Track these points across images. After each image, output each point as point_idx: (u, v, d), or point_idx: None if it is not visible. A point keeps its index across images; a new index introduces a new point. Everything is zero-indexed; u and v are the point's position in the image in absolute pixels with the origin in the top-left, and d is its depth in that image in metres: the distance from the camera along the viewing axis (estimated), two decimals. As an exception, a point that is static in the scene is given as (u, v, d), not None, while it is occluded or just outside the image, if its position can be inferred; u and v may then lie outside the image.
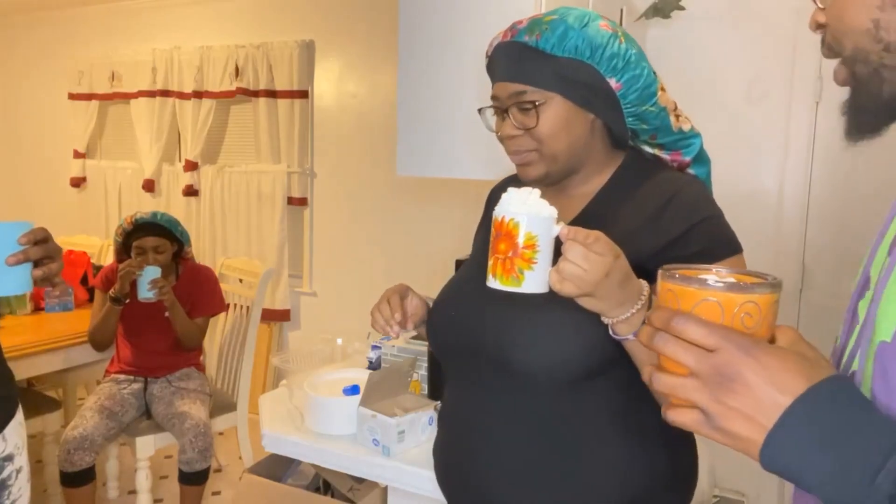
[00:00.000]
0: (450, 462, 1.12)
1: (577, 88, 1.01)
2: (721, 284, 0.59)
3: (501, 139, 1.08)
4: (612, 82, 1.01)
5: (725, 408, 0.55)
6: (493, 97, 1.07)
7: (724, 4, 2.70)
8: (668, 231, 0.96)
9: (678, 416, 0.58)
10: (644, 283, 0.87)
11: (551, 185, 1.09)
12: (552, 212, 0.83)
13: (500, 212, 0.84)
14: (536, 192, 0.85)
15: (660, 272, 0.63)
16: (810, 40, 2.70)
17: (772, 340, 0.60)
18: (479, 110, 1.11)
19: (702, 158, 1.12)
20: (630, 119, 1.04)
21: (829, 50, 0.69)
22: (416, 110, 2.00)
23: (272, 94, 3.74)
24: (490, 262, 0.85)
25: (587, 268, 0.80)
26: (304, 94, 3.68)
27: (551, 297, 0.86)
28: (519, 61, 1.02)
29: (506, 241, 0.83)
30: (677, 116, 1.08)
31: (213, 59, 3.89)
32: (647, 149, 1.10)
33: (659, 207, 0.99)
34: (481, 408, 1.06)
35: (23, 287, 1.20)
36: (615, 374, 0.96)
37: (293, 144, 3.72)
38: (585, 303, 0.84)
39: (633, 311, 0.84)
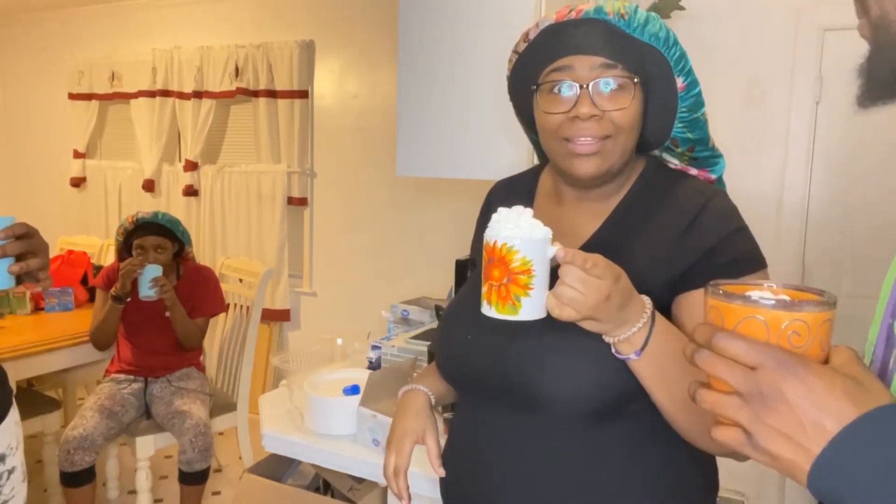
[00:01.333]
0: (466, 496, 1.04)
1: (653, 82, 0.96)
2: (767, 302, 0.56)
3: (566, 129, 0.94)
4: (679, 81, 0.97)
5: (766, 427, 0.53)
6: (560, 69, 0.93)
7: (723, 4, 2.70)
8: (701, 243, 0.92)
9: (720, 434, 0.56)
10: (647, 300, 0.84)
11: (597, 186, 1.00)
12: (546, 233, 0.79)
13: (491, 236, 0.80)
14: (528, 211, 0.81)
15: (706, 288, 0.60)
16: (810, 40, 2.70)
17: (825, 361, 0.57)
18: (535, 87, 0.97)
19: (722, 180, 1.08)
20: (679, 126, 0.99)
21: (859, 6, 0.65)
22: (415, 110, 2.00)
23: (272, 94, 3.73)
24: (484, 289, 0.81)
25: (585, 292, 0.76)
26: (304, 94, 3.68)
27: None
28: (606, 37, 0.92)
29: (499, 268, 0.78)
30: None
31: (213, 59, 3.89)
32: (675, 161, 1.05)
33: (690, 219, 0.93)
34: (501, 442, 0.97)
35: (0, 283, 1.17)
36: (637, 406, 0.91)
37: (293, 144, 3.72)
38: (586, 325, 0.81)
39: (635, 329, 0.82)
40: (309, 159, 3.77)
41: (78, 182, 4.60)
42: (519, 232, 0.78)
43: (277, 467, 2.25)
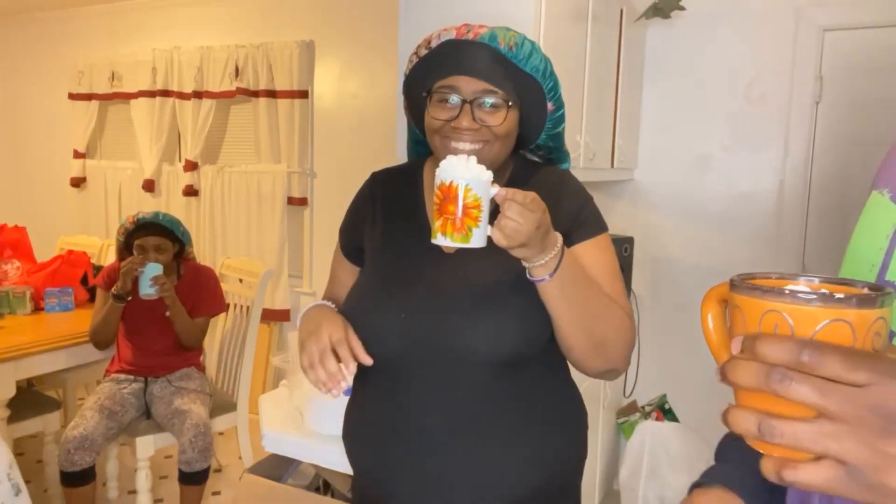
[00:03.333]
0: (402, 469, 1.11)
1: (527, 105, 1.13)
2: (852, 299, 0.45)
3: (448, 131, 1.09)
4: (549, 105, 1.14)
5: (885, 456, 0.42)
6: (449, 87, 1.09)
7: (724, 4, 2.70)
8: (569, 213, 1.12)
9: (804, 474, 0.44)
10: (558, 234, 1.01)
11: None
12: (489, 175, 0.95)
13: (447, 177, 0.94)
14: (473, 158, 0.95)
15: (740, 287, 0.50)
16: (810, 40, 2.70)
17: None
18: (426, 94, 1.12)
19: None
20: (543, 136, 1.18)
21: None
22: (416, 110, 2.00)
23: (272, 94, 3.73)
24: (439, 223, 0.95)
25: (524, 222, 0.92)
26: (304, 94, 3.68)
27: (499, 280, 1.05)
28: (492, 64, 1.09)
29: (455, 203, 0.93)
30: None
31: (213, 59, 3.89)
32: (535, 158, 1.25)
33: (556, 196, 1.13)
34: (432, 405, 1.08)
35: None
36: (541, 352, 1.09)
37: (293, 144, 3.72)
38: (517, 252, 0.96)
39: (550, 256, 0.98)
40: (309, 159, 3.77)
41: (78, 182, 4.60)
42: (470, 174, 0.93)
43: (277, 467, 2.24)
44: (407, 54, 1.98)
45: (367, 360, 1.05)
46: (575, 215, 1.13)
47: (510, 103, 1.09)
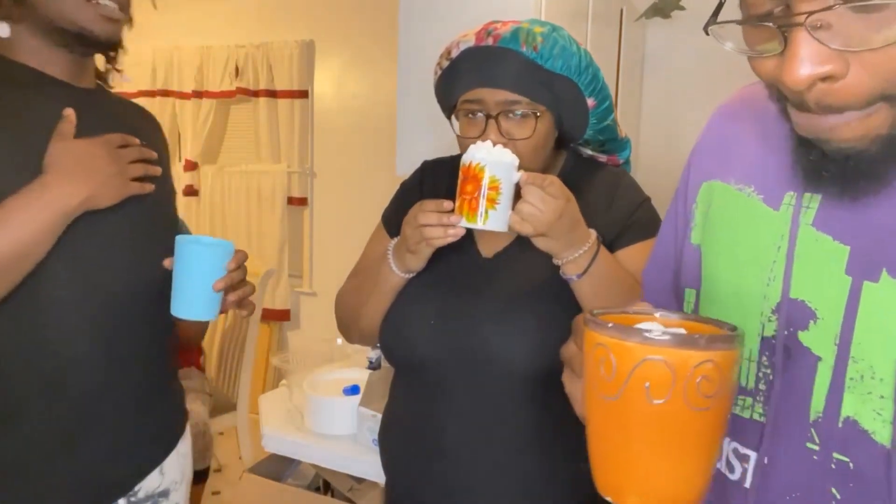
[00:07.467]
0: (433, 479, 1.07)
1: (563, 106, 1.06)
2: (670, 338, 0.45)
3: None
4: (590, 101, 1.07)
5: None
6: (473, 101, 1.04)
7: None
8: (621, 215, 1.07)
9: None
10: (592, 231, 0.97)
11: None
12: (514, 159, 0.93)
13: (467, 158, 0.93)
14: (500, 144, 0.95)
15: (587, 320, 0.50)
16: (810, 40, 2.69)
17: None
18: (449, 114, 1.09)
19: (628, 161, 1.24)
20: (590, 132, 1.11)
21: (822, 107, 0.50)
22: (416, 110, 2.00)
23: (272, 94, 3.73)
24: (457, 203, 0.94)
25: (543, 208, 0.89)
26: (304, 94, 3.68)
27: (533, 290, 0.99)
28: (516, 70, 1.02)
29: (472, 184, 0.92)
30: (618, 124, 1.17)
31: (213, 59, 3.88)
32: (587, 151, 1.18)
33: (609, 199, 1.09)
34: (463, 419, 1.04)
35: (212, 313, 1.06)
36: None
37: (293, 144, 3.72)
38: (539, 242, 0.93)
39: (581, 251, 0.95)
40: (309, 159, 3.77)
41: (78, 182, 4.59)
42: (490, 156, 0.92)
43: (277, 467, 2.25)
44: (407, 54, 1.98)
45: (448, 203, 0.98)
46: (626, 217, 1.07)
47: (538, 113, 1.03)
